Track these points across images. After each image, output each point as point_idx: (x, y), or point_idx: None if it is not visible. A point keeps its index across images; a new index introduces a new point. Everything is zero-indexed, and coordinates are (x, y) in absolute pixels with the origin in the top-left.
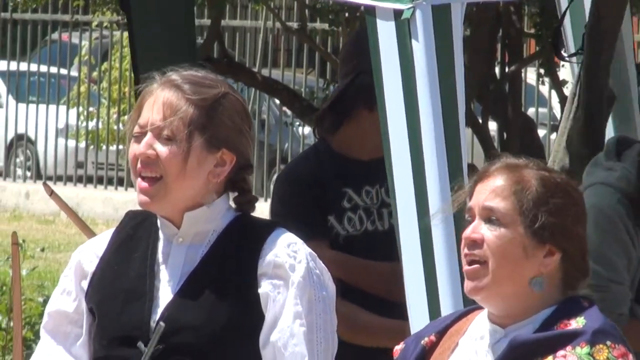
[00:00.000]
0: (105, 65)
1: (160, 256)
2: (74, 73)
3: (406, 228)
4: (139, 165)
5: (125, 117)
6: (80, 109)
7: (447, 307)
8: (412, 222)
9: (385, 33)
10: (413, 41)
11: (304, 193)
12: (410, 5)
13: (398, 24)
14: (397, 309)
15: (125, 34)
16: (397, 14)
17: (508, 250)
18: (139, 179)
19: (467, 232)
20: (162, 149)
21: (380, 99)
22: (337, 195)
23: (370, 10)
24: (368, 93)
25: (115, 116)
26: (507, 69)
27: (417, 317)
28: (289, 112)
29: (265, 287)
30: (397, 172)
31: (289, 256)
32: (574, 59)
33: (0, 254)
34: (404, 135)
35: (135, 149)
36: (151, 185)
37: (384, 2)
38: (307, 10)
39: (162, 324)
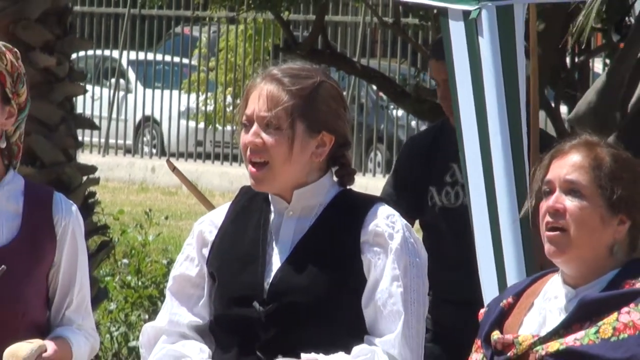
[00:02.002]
0: (221, 54)
1: (272, 227)
2: (194, 62)
3: (477, 204)
4: (248, 152)
5: (238, 100)
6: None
7: (512, 278)
8: (481, 199)
9: (456, 31)
10: (480, 38)
11: (410, 159)
12: (477, 7)
13: (467, 23)
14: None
15: (233, 27)
16: (466, 14)
17: (588, 220)
18: (250, 165)
19: (550, 203)
20: (268, 137)
21: (453, 90)
22: (443, 168)
23: (443, 12)
24: None
25: (229, 99)
26: (576, 59)
27: (488, 289)
28: (384, 96)
29: (367, 254)
30: (468, 152)
31: (387, 226)
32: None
33: (130, 222)
34: (472, 119)
35: (244, 138)
36: (259, 170)
37: (455, 4)
38: (400, 7)
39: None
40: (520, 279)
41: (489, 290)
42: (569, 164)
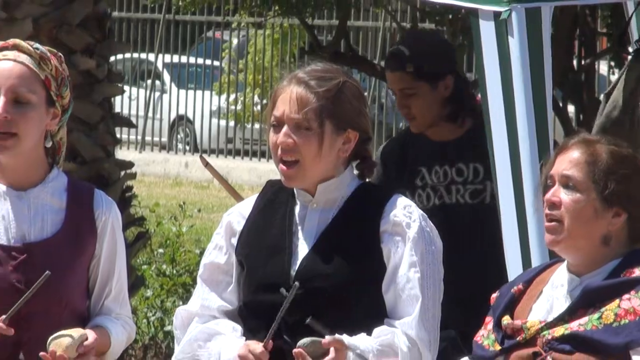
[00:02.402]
0: (249, 57)
1: (297, 218)
2: (224, 64)
3: (504, 197)
4: (279, 152)
5: (265, 100)
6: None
7: (536, 260)
8: (509, 191)
9: (486, 31)
10: (509, 38)
11: (384, 168)
12: (508, 8)
13: (497, 23)
14: None
15: (260, 31)
16: (496, 15)
17: (582, 212)
18: (281, 164)
19: (548, 196)
20: (299, 138)
21: (482, 88)
22: (413, 173)
23: (474, 12)
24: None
25: (256, 99)
26: (583, 62)
27: (512, 267)
28: None
29: (386, 242)
30: (497, 148)
31: (405, 216)
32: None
33: (165, 214)
34: (501, 116)
35: (275, 138)
36: (290, 168)
37: (485, 5)
38: (417, 13)
39: (296, 283)
40: None
41: (515, 274)
42: (567, 160)
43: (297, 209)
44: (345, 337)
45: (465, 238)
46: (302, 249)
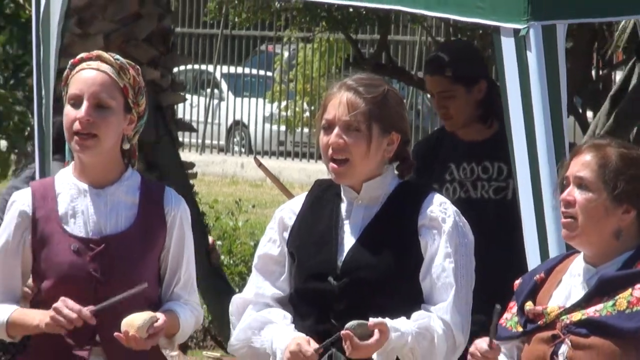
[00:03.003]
0: (298, 68)
1: (343, 213)
2: (276, 75)
3: (524, 195)
4: (330, 151)
5: (313, 107)
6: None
7: (553, 252)
8: (528, 190)
9: (507, 47)
10: (528, 52)
11: (417, 162)
12: (526, 26)
13: (516, 39)
14: None
15: (309, 45)
16: (516, 32)
17: (593, 210)
18: (331, 162)
19: (564, 195)
20: (349, 138)
21: (504, 97)
22: (443, 168)
23: (496, 29)
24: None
25: (305, 106)
26: (600, 72)
27: (532, 258)
28: None
29: (424, 235)
30: (517, 151)
31: (441, 212)
32: None
33: (223, 210)
34: (520, 123)
35: (326, 139)
36: (340, 166)
37: (506, 23)
38: (450, 28)
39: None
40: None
41: (534, 264)
42: (580, 162)
43: (343, 205)
44: (387, 320)
45: (490, 230)
46: (348, 241)
